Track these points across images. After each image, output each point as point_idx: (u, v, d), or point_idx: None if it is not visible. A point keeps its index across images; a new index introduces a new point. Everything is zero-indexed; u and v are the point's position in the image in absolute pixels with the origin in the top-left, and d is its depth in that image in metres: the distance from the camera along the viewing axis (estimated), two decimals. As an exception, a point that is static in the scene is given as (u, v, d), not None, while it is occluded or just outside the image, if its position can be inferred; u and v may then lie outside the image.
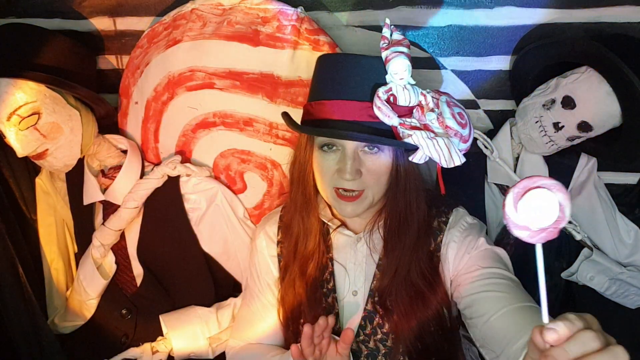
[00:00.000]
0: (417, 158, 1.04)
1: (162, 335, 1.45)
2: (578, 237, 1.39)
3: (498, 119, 1.51)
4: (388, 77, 1.05)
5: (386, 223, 1.14)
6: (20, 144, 1.27)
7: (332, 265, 1.19)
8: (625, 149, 1.32)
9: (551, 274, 1.46)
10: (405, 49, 1.05)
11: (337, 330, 1.14)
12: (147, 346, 1.44)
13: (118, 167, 1.42)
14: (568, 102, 1.28)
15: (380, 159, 1.06)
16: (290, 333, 1.22)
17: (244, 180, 1.48)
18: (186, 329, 1.42)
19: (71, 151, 1.35)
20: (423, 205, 1.12)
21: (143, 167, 1.46)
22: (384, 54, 1.06)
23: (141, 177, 1.43)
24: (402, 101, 1.04)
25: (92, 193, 1.43)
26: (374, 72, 1.05)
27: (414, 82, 1.06)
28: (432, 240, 1.14)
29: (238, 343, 1.31)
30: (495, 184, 1.46)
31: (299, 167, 1.15)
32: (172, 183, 1.43)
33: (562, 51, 1.30)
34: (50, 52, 1.34)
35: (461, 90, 1.49)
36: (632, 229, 1.45)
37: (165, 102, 1.43)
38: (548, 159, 1.43)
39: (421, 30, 1.42)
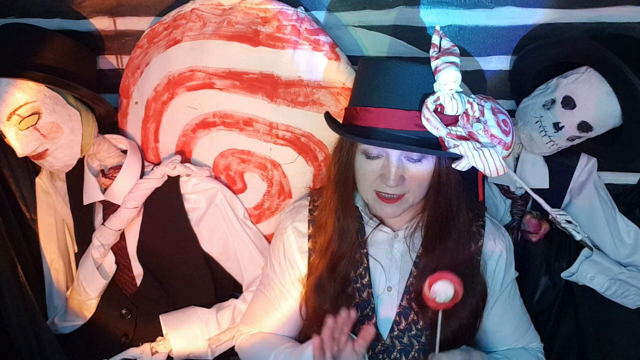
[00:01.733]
0: (461, 166, 1.06)
1: (162, 335, 1.45)
2: (578, 237, 1.39)
3: (498, 119, 1.51)
4: (436, 86, 1.05)
5: (428, 224, 1.16)
6: (20, 144, 1.27)
7: (368, 260, 1.20)
8: (625, 149, 1.32)
9: (551, 274, 1.46)
10: (456, 59, 1.05)
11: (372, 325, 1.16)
12: (146, 346, 1.44)
13: (118, 167, 1.42)
14: (568, 102, 1.28)
15: (423, 167, 1.08)
16: (315, 329, 1.19)
17: (244, 180, 1.48)
18: (186, 330, 1.42)
19: (71, 151, 1.35)
20: (464, 208, 1.15)
21: (143, 167, 1.46)
22: (434, 64, 1.06)
23: (141, 177, 1.43)
24: (450, 110, 1.05)
25: (92, 193, 1.43)
26: (421, 80, 1.06)
27: (461, 90, 1.07)
28: (472, 244, 1.18)
29: (250, 330, 1.31)
30: (495, 184, 1.46)
31: (339, 169, 1.15)
32: (172, 183, 1.43)
33: (562, 51, 1.30)
34: (50, 52, 1.34)
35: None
36: (632, 229, 1.45)
37: (165, 102, 1.43)
38: (548, 159, 1.43)
39: (421, 30, 1.42)
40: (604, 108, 1.25)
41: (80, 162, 1.42)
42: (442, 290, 1.05)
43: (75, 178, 1.45)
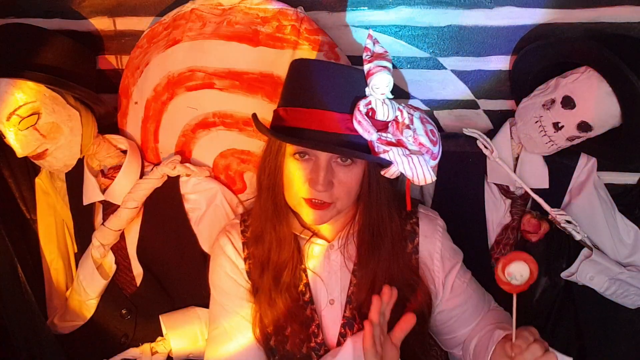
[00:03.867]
0: (390, 173, 1.05)
1: (161, 335, 1.45)
2: (578, 237, 1.39)
3: (498, 119, 1.51)
4: (368, 90, 1.03)
5: (360, 234, 1.14)
6: (20, 144, 1.27)
7: (307, 276, 1.17)
8: (625, 149, 1.32)
9: (551, 273, 1.46)
10: (388, 64, 1.05)
11: (320, 343, 1.15)
12: (146, 347, 1.44)
13: (118, 167, 1.42)
14: (568, 102, 1.28)
15: (353, 172, 1.05)
16: (275, 344, 1.16)
17: (244, 180, 1.48)
18: (185, 330, 1.42)
19: (71, 151, 1.35)
20: (396, 217, 1.13)
21: (143, 167, 1.46)
22: (366, 67, 1.05)
23: (141, 177, 1.43)
24: (381, 116, 1.03)
25: (91, 193, 1.43)
26: (353, 83, 1.04)
27: (391, 97, 1.06)
28: (408, 243, 1.17)
29: None
30: (495, 184, 1.46)
31: (269, 174, 1.11)
32: (172, 183, 1.43)
33: (562, 51, 1.30)
34: (50, 52, 1.34)
35: (461, 90, 1.49)
36: (632, 229, 1.45)
37: (165, 102, 1.43)
38: (548, 159, 1.43)
39: (421, 30, 1.42)
40: (604, 108, 1.25)
41: (80, 162, 1.42)
42: (518, 271, 1.01)
43: (75, 178, 1.45)
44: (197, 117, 1.42)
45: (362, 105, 1.02)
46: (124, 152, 1.46)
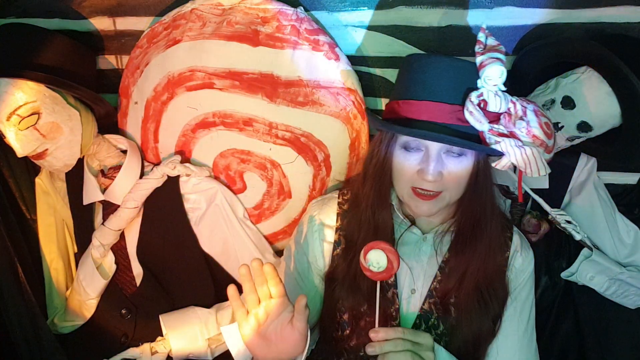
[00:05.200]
0: (502, 165, 1.04)
1: (161, 335, 1.45)
2: (578, 237, 1.39)
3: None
4: (480, 82, 1.04)
5: (460, 226, 1.14)
6: (20, 144, 1.27)
7: None
8: (625, 149, 1.32)
9: (551, 273, 1.46)
10: (501, 55, 1.04)
11: (397, 325, 1.15)
12: (146, 346, 1.44)
13: (118, 167, 1.42)
14: (568, 102, 1.28)
15: (463, 163, 1.06)
16: (348, 318, 1.17)
17: (244, 180, 1.48)
18: (185, 330, 1.42)
19: (71, 151, 1.35)
20: (497, 214, 1.14)
21: (143, 167, 1.46)
22: (479, 59, 1.05)
23: (141, 177, 1.43)
24: (493, 107, 1.03)
25: (91, 193, 1.43)
26: (465, 76, 1.05)
27: (504, 89, 1.05)
28: (499, 254, 1.16)
29: None
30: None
31: (376, 163, 1.12)
32: (172, 183, 1.43)
33: (562, 51, 1.30)
34: (50, 52, 1.34)
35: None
36: (632, 229, 1.45)
37: (165, 102, 1.43)
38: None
39: (421, 30, 1.42)
40: (604, 108, 1.25)
41: (80, 162, 1.42)
42: (375, 259, 1.04)
43: (75, 178, 1.46)
44: (197, 117, 1.42)
45: (474, 96, 1.02)
46: (124, 152, 1.46)
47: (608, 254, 1.44)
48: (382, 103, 1.52)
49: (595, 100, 1.25)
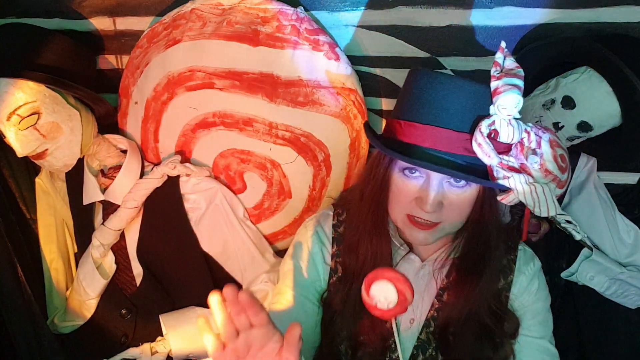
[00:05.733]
0: (507, 200, 0.97)
1: (161, 335, 1.45)
2: (578, 237, 1.39)
3: (498, 119, 1.51)
4: (493, 109, 0.95)
5: (462, 257, 1.07)
6: (20, 144, 1.27)
7: None
8: (625, 149, 1.32)
9: (551, 273, 1.46)
10: (519, 82, 0.96)
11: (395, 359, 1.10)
12: (146, 346, 1.44)
13: (118, 167, 1.42)
14: (568, 102, 1.28)
15: (466, 195, 0.97)
16: (346, 348, 1.11)
17: (244, 180, 1.48)
18: (185, 330, 1.42)
19: (71, 151, 1.35)
20: (502, 245, 1.07)
21: (143, 167, 1.46)
22: (494, 84, 0.96)
23: (141, 177, 1.43)
24: (505, 138, 0.95)
25: (91, 193, 1.43)
26: (477, 101, 0.95)
27: (519, 117, 0.96)
28: (501, 279, 1.10)
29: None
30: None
31: (374, 186, 1.03)
32: (172, 183, 1.43)
33: (562, 51, 1.30)
34: (50, 52, 1.34)
35: (461, 90, 1.48)
36: (632, 228, 1.44)
37: (165, 102, 1.43)
38: (548, 159, 1.43)
39: (421, 30, 1.42)
40: (604, 108, 1.25)
41: (80, 162, 1.42)
42: (382, 293, 0.90)
43: (75, 178, 1.46)
44: (197, 117, 1.42)
45: (484, 126, 0.93)
46: (124, 152, 1.46)
47: (608, 253, 1.44)
48: (382, 103, 1.53)
49: (595, 100, 1.25)
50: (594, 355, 1.47)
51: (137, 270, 1.46)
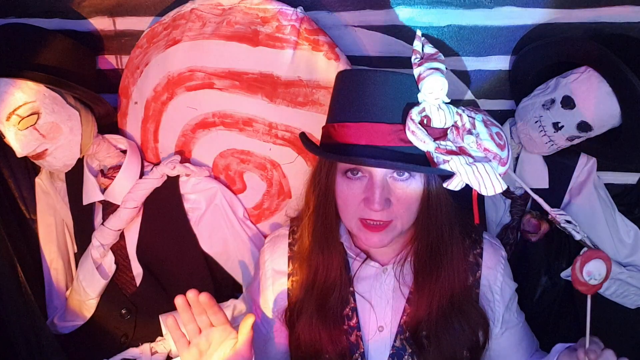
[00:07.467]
0: (453, 185, 0.95)
1: (161, 335, 1.45)
2: (578, 237, 1.39)
3: (498, 119, 1.50)
4: (421, 96, 0.95)
5: (417, 254, 1.06)
6: (20, 144, 1.27)
7: (355, 300, 1.10)
8: (624, 149, 1.32)
9: (551, 273, 1.46)
10: (440, 65, 0.96)
11: None
12: (146, 346, 1.44)
13: (117, 167, 1.42)
14: (567, 102, 1.28)
15: (411, 186, 0.97)
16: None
17: (244, 180, 1.48)
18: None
19: (70, 151, 1.35)
20: (457, 233, 1.05)
21: (142, 167, 1.46)
22: (416, 71, 0.96)
23: (140, 177, 1.43)
24: (437, 123, 0.94)
25: (91, 193, 1.43)
26: (405, 90, 0.95)
27: (448, 101, 0.96)
28: (470, 276, 1.10)
29: None
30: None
31: (319, 195, 1.03)
32: (172, 183, 1.43)
33: (562, 51, 1.30)
34: (50, 52, 1.34)
35: (461, 90, 1.48)
36: (632, 228, 1.45)
37: (164, 102, 1.43)
38: (548, 159, 1.43)
39: (421, 30, 1.42)
40: (604, 108, 1.25)
41: (80, 162, 1.42)
42: (597, 270, 1.00)
43: (74, 178, 1.46)
44: (197, 117, 1.42)
45: (414, 113, 0.93)
46: (124, 152, 1.46)
47: (608, 254, 1.44)
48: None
49: (595, 100, 1.25)
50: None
51: (137, 270, 1.46)
